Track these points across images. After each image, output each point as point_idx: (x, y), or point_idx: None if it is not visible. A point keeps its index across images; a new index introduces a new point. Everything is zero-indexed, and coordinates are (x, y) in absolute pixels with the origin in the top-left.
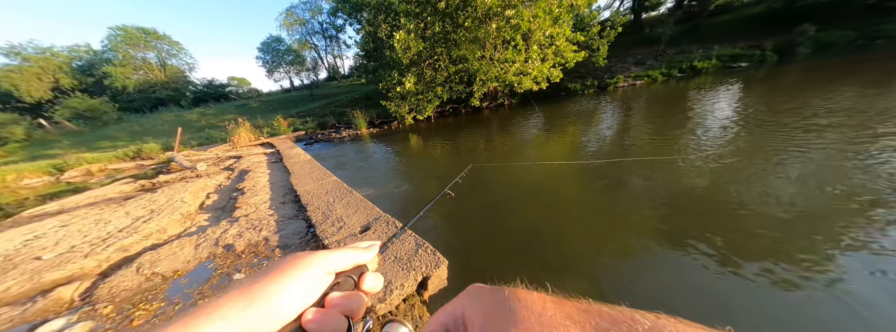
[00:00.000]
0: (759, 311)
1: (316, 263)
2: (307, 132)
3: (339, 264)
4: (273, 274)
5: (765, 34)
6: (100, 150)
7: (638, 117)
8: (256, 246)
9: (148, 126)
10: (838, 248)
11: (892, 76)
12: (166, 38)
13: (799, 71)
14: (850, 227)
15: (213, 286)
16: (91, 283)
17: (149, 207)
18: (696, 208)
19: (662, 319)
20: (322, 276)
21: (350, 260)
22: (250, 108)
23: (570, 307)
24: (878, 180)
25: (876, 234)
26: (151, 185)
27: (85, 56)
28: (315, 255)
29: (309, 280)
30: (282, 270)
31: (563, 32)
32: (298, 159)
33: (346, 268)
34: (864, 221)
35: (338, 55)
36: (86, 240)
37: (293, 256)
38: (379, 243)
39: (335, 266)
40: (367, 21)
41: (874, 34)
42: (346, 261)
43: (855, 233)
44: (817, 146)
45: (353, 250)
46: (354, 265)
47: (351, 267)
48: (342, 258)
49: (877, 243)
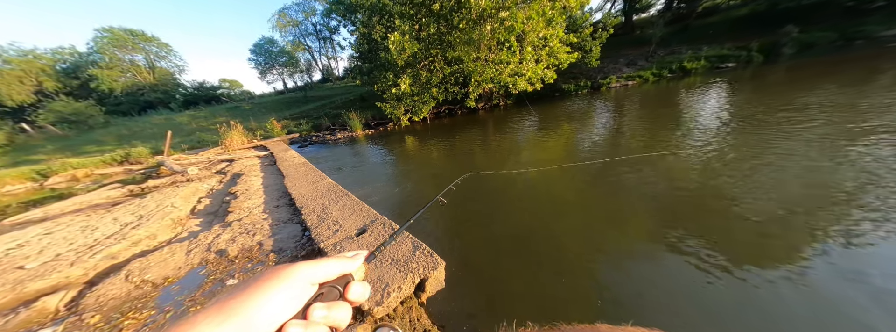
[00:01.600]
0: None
1: (296, 274)
2: (301, 134)
3: (322, 275)
4: (251, 288)
5: (751, 35)
6: (86, 154)
7: (631, 117)
8: (250, 251)
9: (136, 130)
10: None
11: (871, 75)
12: (155, 39)
13: (784, 71)
14: (837, 219)
15: (206, 293)
16: (77, 292)
17: (138, 212)
18: (689, 206)
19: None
20: (304, 287)
21: (334, 270)
22: (243, 110)
23: None
24: (853, 171)
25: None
26: (140, 190)
27: (69, 58)
28: (296, 266)
29: (289, 293)
30: (260, 283)
31: (556, 34)
32: (293, 162)
33: (329, 278)
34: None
35: (332, 57)
36: (71, 248)
37: (273, 268)
38: (365, 253)
39: (318, 277)
40: (362, 23)
41: (853, 35)
42: (330, 271)
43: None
44: (799, 141)
45: (337, 260)
46: (339, 275)
47: (335, 277)
48: (325, 269)
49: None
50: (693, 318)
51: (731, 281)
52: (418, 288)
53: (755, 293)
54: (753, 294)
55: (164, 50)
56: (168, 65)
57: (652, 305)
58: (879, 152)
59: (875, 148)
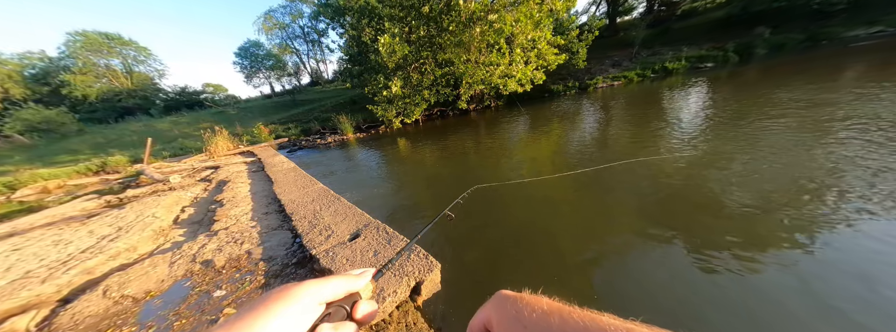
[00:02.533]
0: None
1: (303, 294)
2: (290, 139)
3: (329, 294)
4: (258, 309)
5: (727, 37)
6: (58, 165)
7: (619, 117)
8: (238, 260)
9: (113, 137)
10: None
11: (833, 73)
12: (132, 43)
13: (756, 70)
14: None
15: (191, 306)
16: (50, 310)
17: (116, 224)
18: (689, 204)
19: (643, 328)
20: (312, 307)
21: (341, 289)
22: (228, 115)
23: (567, 314)
24: (825, 159)
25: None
26: (118, 200)
27: (39, 64)
28: (303, 285)
29: (296, 313)
30: (268, 303)
31: (544, 36)
32: (281, 167)
33: (337, 297)
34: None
35: (321, 60)
36: (43, 264)
37: (281, 288)
38: (373, 270)
39: (325, 296)
40: (351, 25)
41: (819, 36)
42: (337, 290)
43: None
44: (771, 135)
45: (344, 278)
46: (347, 294)
47: (343, 296)
48: (332, 287)
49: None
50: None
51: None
52: (414, 291)
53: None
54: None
55: (142, 54)
56: (147, 69)
57: (648, 299)
58: (847, 142)
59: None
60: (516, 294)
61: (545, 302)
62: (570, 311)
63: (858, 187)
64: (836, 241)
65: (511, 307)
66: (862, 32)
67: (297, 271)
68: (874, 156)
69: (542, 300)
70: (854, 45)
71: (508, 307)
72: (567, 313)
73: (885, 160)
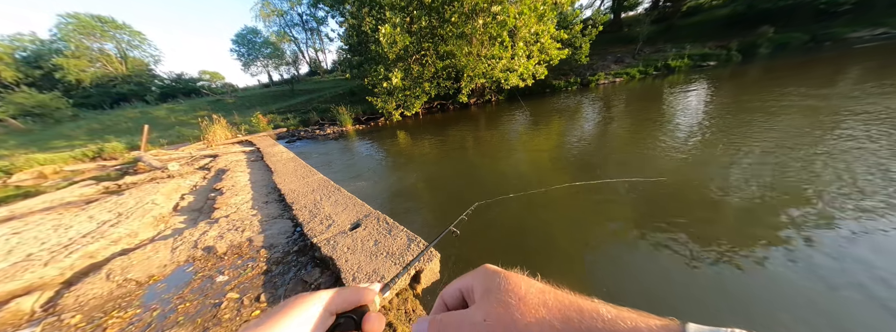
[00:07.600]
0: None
1: (314, 303)
2: (289, 129)
3: (339, 304)
4: (275, 318)
5: (731, 35)
6: (53, 150)
7: (619, 116)
8: (239, 247)
9: (108, 124)
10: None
11: (835, 75)
12: (126, 27)
13: (758, 70)
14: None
15: (194, 290)
16: (54, 292)
17: (116, 210)
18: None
19: (624, 311)
20: (323, 317)
21: (351, 299)
22: (225, 104)
23: (549, 295)
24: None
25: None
26: (117, 187)
27: (30, 46)
28: (314, 295)
29: (308, 322)
30: (282, 313)
31: (547, 30)
32: (281, 157)
33: (347, 308)
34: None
35: (320, 49)
36: (44, 247)
37: (294, 297)
38: (379, 285)
39: (336, 306)
40: (351, 14)
41: (823, 37)
42: (347, 300)
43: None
44: (769, 137)
45: (354, 289)
46: (356, 305)
47: (352, 307)
48: (343, 298)
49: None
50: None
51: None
52: (414, 280)
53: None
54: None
55: (136, 39)
56: (142, 55)
57: (646, 293)
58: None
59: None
60: (502, 270)
61: (534, 281)
62: (545, 287)
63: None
64: (835, 235)
65: (502, 280)
66: (866, 34)
67: (299, 258)
68: None
69: (530, 278)
70: (859, 46)
71: (498, 280)
72: (543, 288)
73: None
